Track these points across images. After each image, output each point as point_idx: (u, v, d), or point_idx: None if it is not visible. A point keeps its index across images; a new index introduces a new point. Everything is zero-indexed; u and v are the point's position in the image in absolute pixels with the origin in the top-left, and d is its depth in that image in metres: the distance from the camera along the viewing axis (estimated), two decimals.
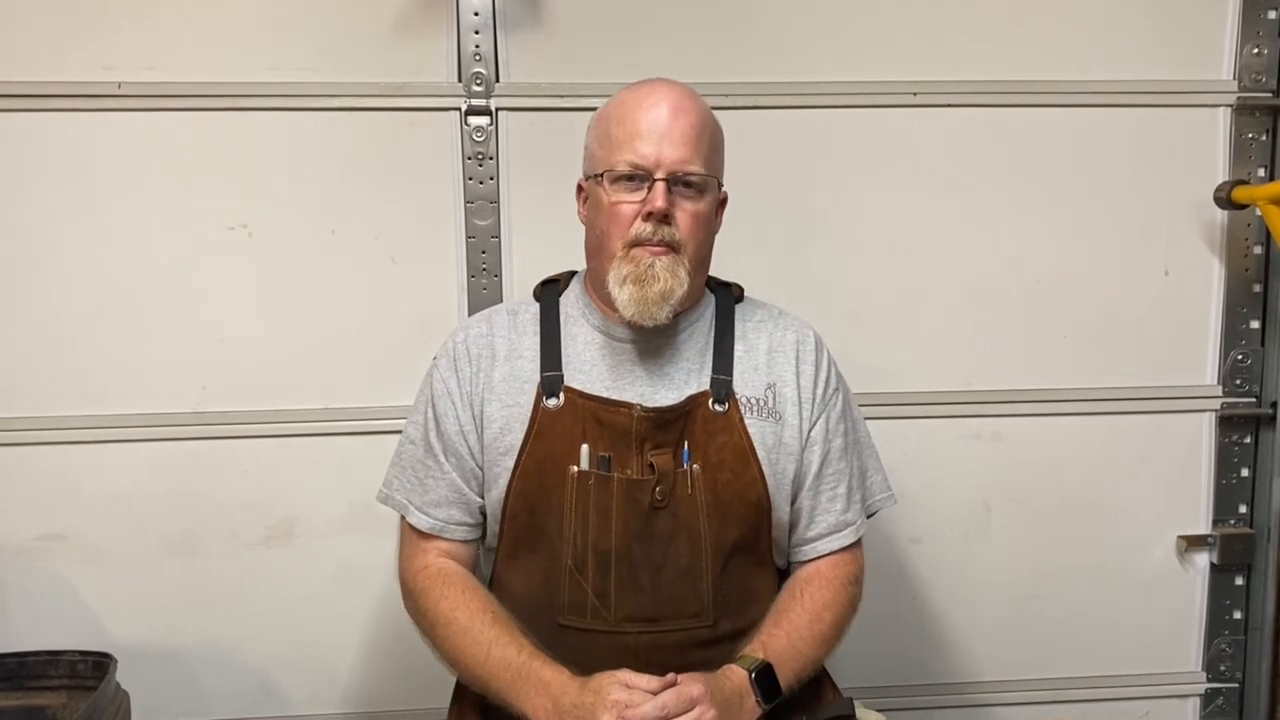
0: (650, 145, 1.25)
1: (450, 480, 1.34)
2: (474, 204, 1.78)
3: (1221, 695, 2.01)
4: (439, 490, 1.35)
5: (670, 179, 1.25)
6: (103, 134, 1.72)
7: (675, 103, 1.27)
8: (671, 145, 1.25)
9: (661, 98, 1.27)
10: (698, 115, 1.28)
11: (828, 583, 1.35)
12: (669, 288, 1.26)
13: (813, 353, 1.38)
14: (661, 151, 1.25)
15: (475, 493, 1.35)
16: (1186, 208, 1.89)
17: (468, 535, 1.37)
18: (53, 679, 1.67)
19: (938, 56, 1.83)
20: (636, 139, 1.26)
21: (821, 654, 1.32)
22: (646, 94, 1.28)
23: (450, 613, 1.29)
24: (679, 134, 1.26)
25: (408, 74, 1.75)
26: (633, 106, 1.28)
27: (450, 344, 1.38)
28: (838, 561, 1.37)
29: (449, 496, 1.35)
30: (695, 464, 1.29)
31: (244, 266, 1.77)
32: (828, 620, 1.32)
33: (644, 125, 1.26)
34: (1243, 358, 1.93)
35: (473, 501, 1.35)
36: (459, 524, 1.36)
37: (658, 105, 1.27)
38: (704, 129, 1.28)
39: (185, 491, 1.80)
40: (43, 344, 1.75)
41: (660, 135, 1.25)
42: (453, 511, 1.35)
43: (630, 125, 1.27)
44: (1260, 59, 1.86)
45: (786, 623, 1.29)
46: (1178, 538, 1.96)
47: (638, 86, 1.31)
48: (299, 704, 1.87)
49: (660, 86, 1.29)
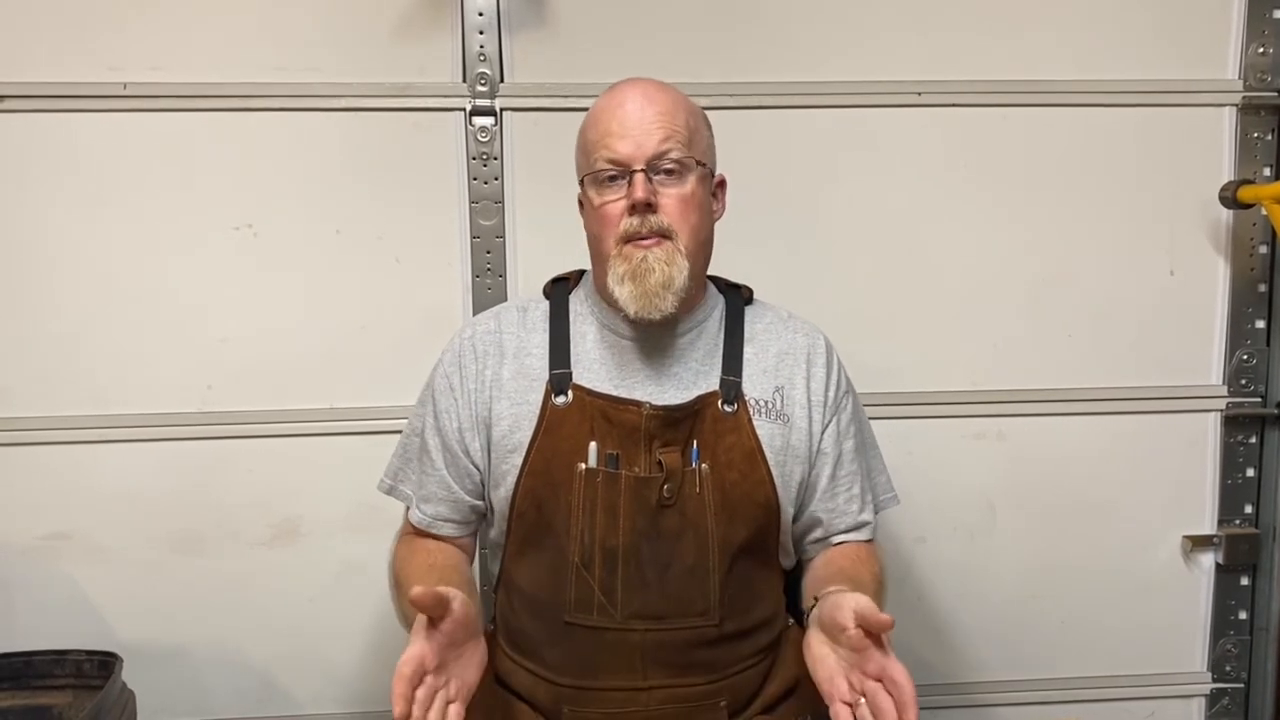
0: (623, 140, 1.25)
1: (440, 477, 1.35)
2: (479, 204, 1.79)
3: (1227, 696, 2.00)
4: (429, 486, 1.36)
5: (648, 168, 1.25)
6: (108, 134, 1.73)
7: (643, 94, 1.27)
8: (644, 134, 1.25)
9: (628, 93, 1.28)
10: (667, 102, 1.28)
11: (873, 557, 1.37)
12: (668, 276, 1.25)
13: (823, 357, 1.38)
14: (636, 143, 1.25)
15: (466, 492, 1.35)
16: (1192, 207, 1.89)
17: (455, 533, 1.37)
18: (58, 678, 1.67)
19: (942, 56, 1.83)
20: (609, 137, 1.26)
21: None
22: (615, 94, 1.29)
23: (399, 570, 1.33)
24: (649, 123, 1.25)
25: (412, 74, 1.76)
26: (603, 109, 1.29)
27: (458, 340, 1.38)
28: (872, 549, 1.38)
29: (437, 493, 1.35)
30: (704, 463, 1.29)
31: (249, 266, 1.77)
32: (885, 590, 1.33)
33: (615, 123, 1.26)
34: (1248, 357, 1.93)
35: (462, 501, 1.35)
36: (445, 520, 1.36)
37: (626, 101, 1.27)
38: (675, 113, 1.27)
39: (190, 491, 1.80)
40: (48, 344, 1.76)
41: (632, 128, 1.25)
42: (440, 509, 1.36)
43: (602, 126, 1.27)
44: (1266, 58, 1.86)
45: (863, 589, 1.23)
46: (1183, 538, 1.96)
47: (609, 90, 1.32)
48: (303, 703, 1.88)
49: (627, 84, 1.30)
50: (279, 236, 1.77)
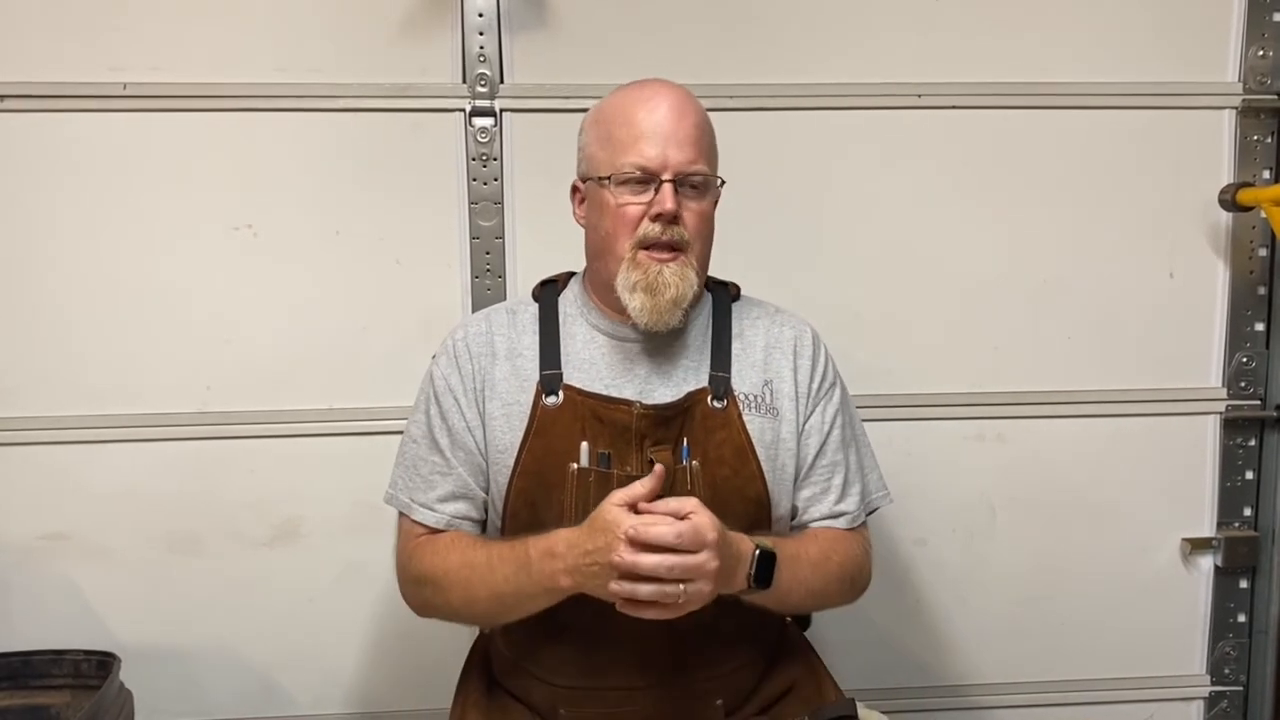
0: (655, 147, 1.26)
1: (457, 476, 1.34)
2: (478, 205, 1.79)
3: (1226, 698, 2.00)
4: (446, 486, 1.35)
5: (676, 180, 1.26)
6: (108, 134, 1.73)
7: (678, 104, 1.28)
8: (677, 147, 1.26)
9: (663, 99, 1.28)
10: (698, 115, 1.30)
11: (841, 537, 1.35)
12: (681, 293, 1.27)
13: (809, 348, 1.39)
14: (667, 153, 1.26)
15: (480, 487, 1.35)
16: (1191, 210, 1.89)
17: (472, 530, 1.37)
18: (57, 678, 1.68)
19: (942, 58, 1.83)
20: (641, 141, 1.26)
21: (817, 587, 1.30)
22: (648, 95, 1.29)
23: (444, 559, 1.29)
24: (683, 135, 1.27)
25: (412, 75, 1.76)
26: (634, 108, 1.28)
27: (450, 342, 1.38)
28: (845, 534, 1.37)
29: (456, 491, 1.35)
30: (695, 460, 1.29)
31: (249, 267, 1.77)
32: (834, 561, 1.32)
33: (648, 127, 1.27)
34: (1247, 360, 1.92)
35: (478, 496, 1.35)
36: (464, 518, 1.35)
37: (660, 107, 1.27)
38: (704, 129, 1.30)
39: (189, 491, 1.80)
40: (48, 344, 1.76)
41: (665, 137, 1.26)
42: (459, 505, 1.35)
43: (634, 127, 1.27)
44: (1265, 61, 1.86)
45: (796, 543, 1.29)
46: (1182, 540, 1.96)
47: (635, 88, 1.31)
48: (302, 704, 1.87)
49: (660, 87, 1.30)
50: (279, 237, 1.77)
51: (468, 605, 1.28)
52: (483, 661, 1.46)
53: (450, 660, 1.53)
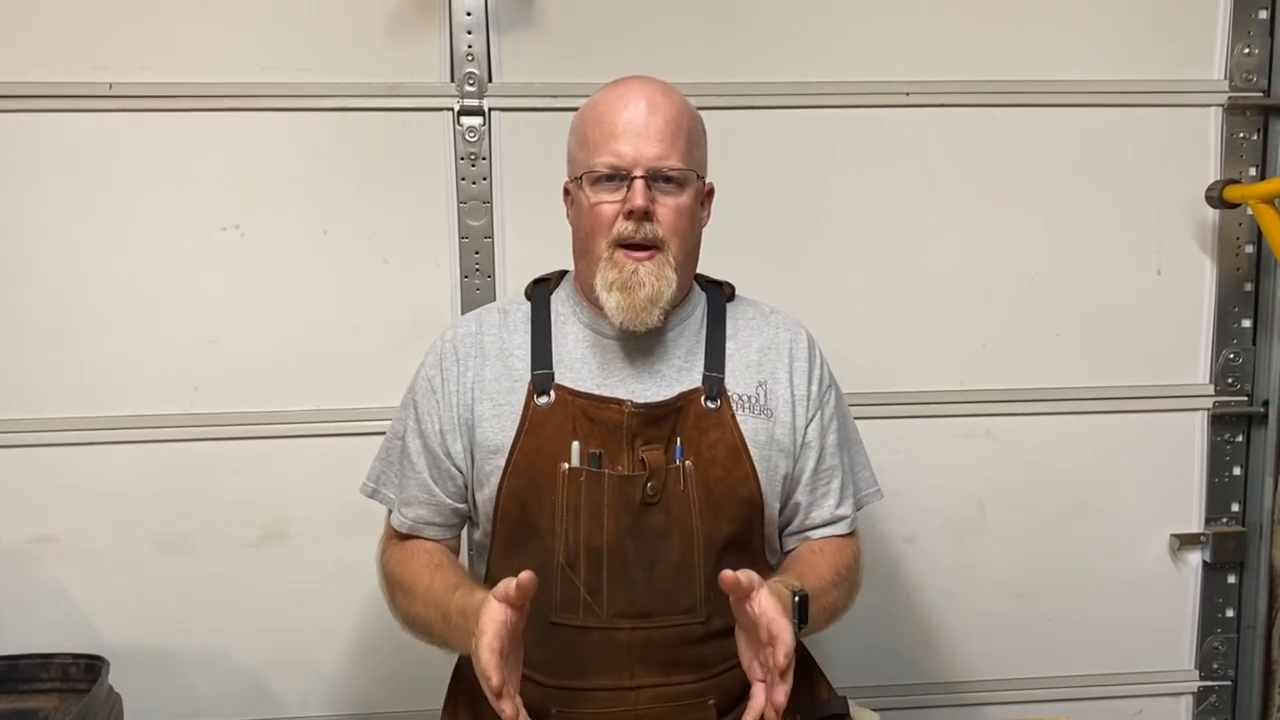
0: (627, 144, 1.25)
1: (421, 480, 1.34)
2: (467, 204, 1.78)
3: (1214, 693, 2.01)
4: (410, 489, 1.36)
5: (649, 176, 1.25)
6: (94, 134, 1.72)
7: (649, 99, 1.27)
8: (648, 142, 1.25)
9: (635, 95, 1.27)
10: (673, 110, 1.28)
11: (842, 547, 1.37)
12: (656, 291, 1.26)
13: (805, 351, 1.39)
14: (638, 149, 1.25)
15: (448, 495, 1.35)
16: (1178, 207, 1.90)
17: (438, 535, 1.37)
18: (45, 682, 1.66)
19: (930, 57, 1.83)
20: (613, 139, 1.26)
21: (837, 609, 1.32)
22: (621, 92, 1.28)
23: (399, 574, 1.32)
24: (655, 130, 1.25)
25: (401, 74, 1.75)
26: (607, 107, 1.28)
27: (439, 342, 1.38)
28: (843, 542, 1.38)
29: (419, 496, 1.35)
30: (688, 460, 1.29)
31: (236, 267, 1.76)
32: (847, 583, 1.34)
33: (619, 124, 1.26)
34: (1234, 356, 1.93)
35: (444, 504, 1.35)
36: (428, 524, 1.36)
37: (632, 103, 1.26)
38: (680, 122, 1.28)
39: (177, 492, 1.79)
40: (33, 345, 1.75)
41: (636, 133, 1.25)
42: (422, 511, 1.35)
43: (606, 125, 1.27)
44: (1251, 59, 1.87)
45: (812, 573, 1.29)
46: (1170, 536, 1.97)
47: (612, 86, 1.31)
48: (292, 706, 1.87)
49: (634, 84, 1.29)
50: (267, 237, 1.77)
51: (408, 622, 1.32)
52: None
53: (441, 661, 1.52)
